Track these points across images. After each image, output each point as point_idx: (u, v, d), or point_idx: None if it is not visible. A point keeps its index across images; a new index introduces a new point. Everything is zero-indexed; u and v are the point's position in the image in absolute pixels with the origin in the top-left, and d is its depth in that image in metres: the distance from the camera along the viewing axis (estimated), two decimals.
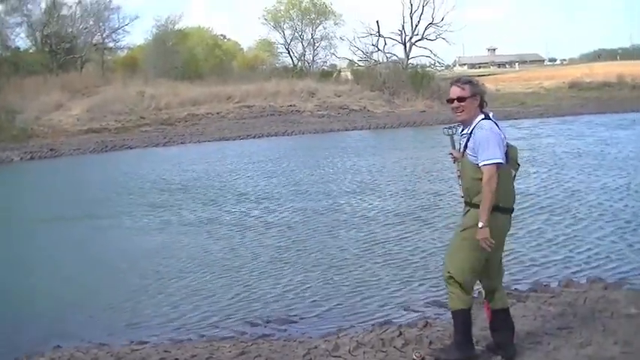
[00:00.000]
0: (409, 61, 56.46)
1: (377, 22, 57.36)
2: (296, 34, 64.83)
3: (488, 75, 79.36)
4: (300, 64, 63.83)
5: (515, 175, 6.18)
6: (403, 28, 57.52)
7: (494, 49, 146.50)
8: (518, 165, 6.23)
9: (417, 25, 57.67)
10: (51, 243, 13.90)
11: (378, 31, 56.94)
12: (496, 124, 6.03)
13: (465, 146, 6.08)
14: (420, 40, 57.75)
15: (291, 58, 65.45)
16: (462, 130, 6.20)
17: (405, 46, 57.44)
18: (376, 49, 56.76)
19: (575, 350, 6.42)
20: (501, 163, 5.83)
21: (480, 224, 5.84)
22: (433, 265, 10.12)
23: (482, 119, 6.04)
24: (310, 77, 53.49)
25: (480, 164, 5.87)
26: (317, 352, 6.91)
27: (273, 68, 63.47)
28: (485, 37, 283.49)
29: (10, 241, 14.16)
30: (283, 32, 65.39)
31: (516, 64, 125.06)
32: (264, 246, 12.28)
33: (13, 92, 40.60)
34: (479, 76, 74.47)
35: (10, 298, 10.01)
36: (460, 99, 6.06)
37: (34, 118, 38.02)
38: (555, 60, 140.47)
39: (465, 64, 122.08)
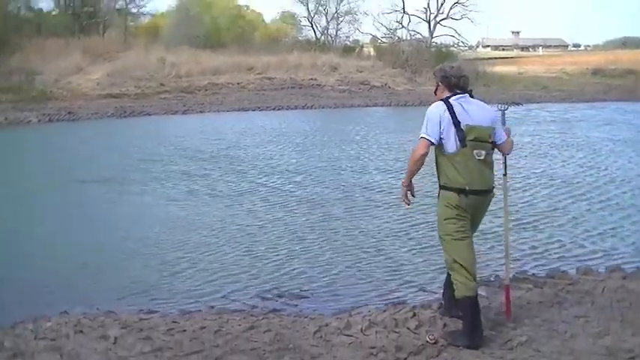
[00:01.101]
0: (433, 40, 56.09)
1: None
2: (320, 7, 64.19)
3: (512, 58, 78.92)
4: (323, 38, 63.31)
5: (486, 155, 6.22)
6: (429, 6, 57.32)
7: (518, 32, 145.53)
8: (492, 143, 6.32)
9: (442, 4, 57.37)
10: (70, 206, 13.75)
11: (403, 8, 56.82)
12: (450, 105, 6.22)
13: None
14: (444, 19, 57.38)
15: (314, 31, 64.82)
16: None
17: (430, 25, 57.13)
18: (400, 26, 56.49)
19: (592, 340, 6.29)
20: (426, 138, 6.17)
21: (402, 181, 6.49)
22: None
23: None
24: (333, 52, 53.15)
25: None
26: (328, 329, 6.79)
27: (295, 41, 63.05)
28: (510, 20, 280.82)
29: (29, 203, 14.00)
30: (307, 5, 64.65)
31: (540, 48, 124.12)
32: (293, 221, 12.07)
33: (34, 53, 40.58)
34: (502, 58, 74.19)
35: (23, 261, 9.92)
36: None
37: (54, 81, 37.99)
38: (579, 46, 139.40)
39: (488, 46, 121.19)
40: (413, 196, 6.51)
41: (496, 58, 72.95)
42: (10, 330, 6.94)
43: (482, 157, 6.16)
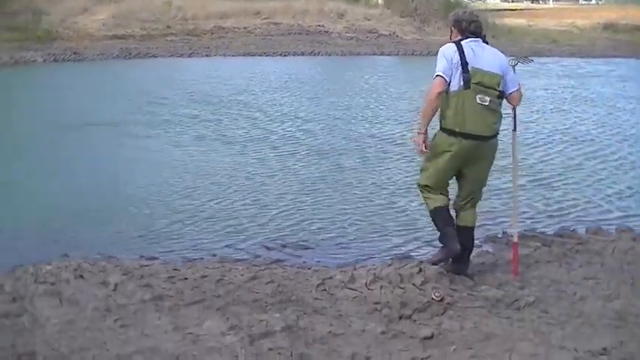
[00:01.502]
0: None
1: None
2: None
3: (521, 10, 78.05)
4: None
5: (491, 101, 6.17)
6: None
7: None
8: (499, 91, 6.23)
9: None
10: (75, 150, 13.59)
11: None
12: (460, 47, 6.23)
13: None
14: None
15: None
16: None
17: None
18: None
19: (601, 303, 6.16)
20: (442, 76, 6.12)
21: (416, 130, 6.43)
22: None
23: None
24: None
25: None
26: (332, 282, 6.65)
27: None
28: None
29: (32, 145, 13.81)
30: None
31: (550, 0, 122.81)
32: (303, 170, 11.91)
33: None
34: (512, 10, 73.41)
35: (24, 204, 9.83)
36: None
37: (60, 21, 37.52)
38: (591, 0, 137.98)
39: None
40: (426, 148, 6.35)
41: (506, 9, 72.09)
42: (10, 273, 6.84)
43: (486, 103, 6.13)
